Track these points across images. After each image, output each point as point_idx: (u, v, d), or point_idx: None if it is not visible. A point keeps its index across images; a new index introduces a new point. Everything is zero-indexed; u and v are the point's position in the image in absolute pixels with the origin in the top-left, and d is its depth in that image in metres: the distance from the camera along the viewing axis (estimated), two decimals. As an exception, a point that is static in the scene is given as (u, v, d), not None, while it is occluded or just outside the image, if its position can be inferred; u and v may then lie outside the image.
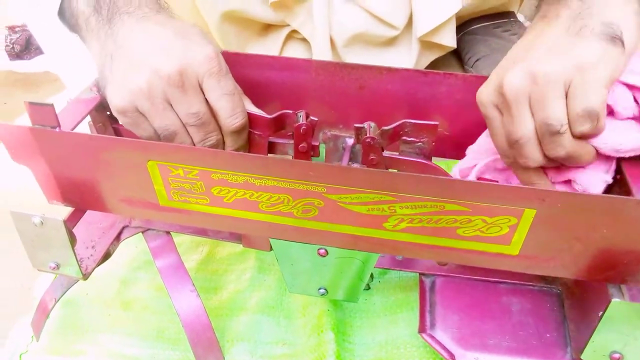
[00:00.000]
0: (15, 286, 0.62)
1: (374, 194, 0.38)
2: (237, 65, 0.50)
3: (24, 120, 0.42)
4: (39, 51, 0.99)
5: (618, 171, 0.40)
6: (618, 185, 0.40)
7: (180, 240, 0.62)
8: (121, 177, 0.42)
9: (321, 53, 0.74)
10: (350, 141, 0.52)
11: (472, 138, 0.49)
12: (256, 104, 0.50)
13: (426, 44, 0.75)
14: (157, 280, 0.58)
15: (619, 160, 0.39)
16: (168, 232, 0.53)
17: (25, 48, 0.99)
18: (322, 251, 0.43)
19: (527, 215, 0.36)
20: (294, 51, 0.83)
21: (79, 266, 0.46)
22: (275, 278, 0.58)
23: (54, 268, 0.46)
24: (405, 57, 0.76)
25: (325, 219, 0.41)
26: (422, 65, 0.77)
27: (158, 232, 0.53)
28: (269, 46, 0.82)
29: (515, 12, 0.83)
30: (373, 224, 0.40)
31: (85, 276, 0.47)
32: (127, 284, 0.59)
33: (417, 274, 0.50)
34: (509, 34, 0.78)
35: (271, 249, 0.51)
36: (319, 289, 0.46)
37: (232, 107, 0.40)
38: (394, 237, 0.40)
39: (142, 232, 0.53)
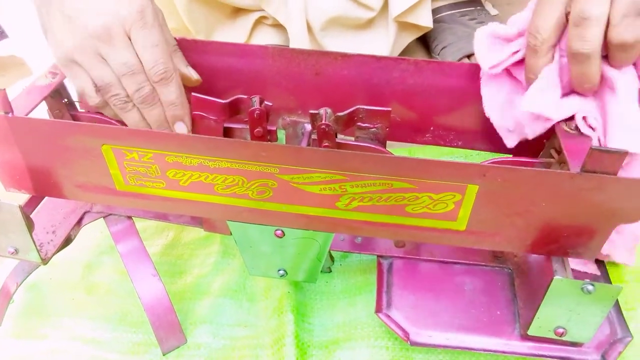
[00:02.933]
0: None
1: (325, 174, 0.39)
2: (196, 51, 0.50)
3: None
4: (3, 35, 0.98)
5: (559, 149, 0.41)
6: (559, 162, 0.42)
7: (146, 225, 0.63)
8: (76, 163, 0.42)
9: (297, 38, 0.75)
10: (308, 127, 0.52)
11: (425, 122, 0.51)
12: (215, 91, 0.51)
13: (402, 24, 0.76)
14: (122, 265, 0.58)
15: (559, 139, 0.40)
16: (129, 217, 0.54)
17: (-13, 32, 0.98)
18: (278, 232, 0.44)
19: (470, 191, 0.37)
20: (264, 36, 0.83)
21: (38, 251, 0.46)
22: (239, 262, 0.58)
23: (13, 253, 0.46)
24: (383, 39, 0.77)
25: (280, 200, 0.42)
26: (399, 48, 0.78)
27: (119, 217, 0.53)
28: (238, 30, 0.82)
29: (482, 1, 0.85)
30: (326, 203, 0.41)
31: (45, 261, 0.48)
32: (92, 269, 0.59)
33: (376, 256, 0.52)
34: (475, 22, 0.80)
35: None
36: (279, 270, 0.47)
37: (154, 59, 0.41)
38: (347, 217, 0.42)
39: (104, 217, 0.54)
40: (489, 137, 0.49)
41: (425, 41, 0.85)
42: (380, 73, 0.49)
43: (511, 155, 0.50)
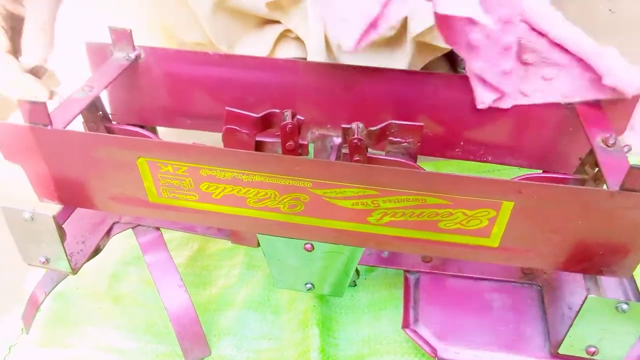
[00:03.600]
0: (5, 280, 0.62)
1: (358, 189, 0.39)
2: (227, 65, 0.51)
3: (19, 116, 0.43)
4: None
5: (595, 164, 0.41)
6: (594, 179, 0.41)
7: (171, 236, 0.63)
8: (111, 175, 0.43)
9: (315, 53, 0.75)
10: (337, 140, 0.53)
11: (457, 137, 0.51)
12: (246, 105, 0.52)
13: (421, 44, 0.76)
14: (148, 275, 0.58)
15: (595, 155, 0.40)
16: (157, 228, 0.54)
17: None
18: (308, 246, 0.44)
19: (505, 207, 0.37)
20: (287, 50, 0.84)
21: (69, 261, 0.47)
22: (263, 274, 0.59)
23: (44, 263, 0.47)
24: (400, 57, 0.77)
25: (311, 214, 0.42)
26: (417, 67, 0.78)
27: (148, 228, 0.54)
28: (261, 43, 0.82)
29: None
30: (357, 218, 0.41)
31: (75, 271, 0.48)
32: (118, 279, 0.60)
33: (402, 271, 0.51)
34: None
35: (259, 245, 0.52)
36: (306, 284, 0.47)
37: None
38: (378, 231, 0.42)
39: (132, 228, 0.54)
40: (520, 152, 0.49)
41: (449, 55, 0.85)
42: (410, 87, 0.49)
43: (541, 171, 0.50)
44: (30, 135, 0.41)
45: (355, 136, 0.43)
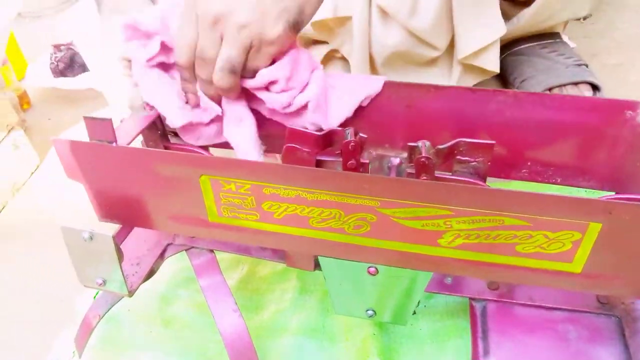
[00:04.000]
0: (57, 297, 0.62)
1: (430, 208, 0.37)
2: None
3: (69, 135, 0.43)
4: (81, 69, 1.02)
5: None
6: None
7: (220, 257, 0.61)
8: (173, 193, 0.42)
9: (358, 70, 0.75)
10: (396, 161, 0.51)
11: (522, 157, 0.48)
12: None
13: (468, 66, 0.75)
14: (198, 297, 0.57)
15: None
16: (211, 251, 0.53)
17: (69, 66, 1.02)
18: (372, 269, 0.42)
19: (592, 229, 0.34)
20: (334, 69, 0.84)
21: (125, 283, 0.46)
22: (317, 299, 0.57)
23: (101, 284, 0.46)
24: (445, 79, 0.76)
25: (377, 235, 0.40)
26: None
27: (201, 251, 0.53)
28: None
29: (560, 33, 0.83)
30: (427, 240, 0.39)
31: (131, 293, 0.47)
32: (168, 301, 0.59)
33: (467, 298, 0.49)
34: (555, 55, 0.77)
35: (315, 268, 0.50)
36: (367, 310, 0.45)
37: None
38: (449, 255, 0.39)
39: (186, 250, 0.53)
40: (592, 173, 0.47)
41: (501, 74, 0.83)
42: (474, 105, 0.47)
43: (614, 193, 0.47)
44: (94, 152, 0.41)
45: (423, 155, 0.41)
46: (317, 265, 0.51)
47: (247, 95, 0.47)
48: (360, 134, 0.43)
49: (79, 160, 0.42)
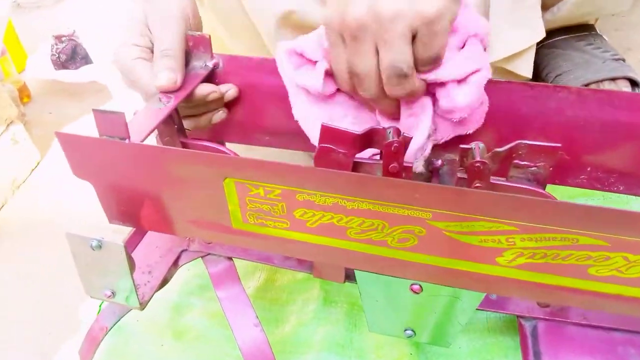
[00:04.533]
0: (60, 301, 0.57)
1: (492, 223, 0.32)
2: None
3: (72, 129, 0.38)
4: (84, 61, 0.97)
5: None
6: None
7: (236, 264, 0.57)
8: (192, 196, 0.37)
9: None
10: (437, 162, 0.46)
11: (582, 162, 0.43)
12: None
13: (499, 69, 0.70)
14: (212, 307, 0.53)
15: None
16: (230, 258, 0.48)
17: (70, 58, 0.97)
18: (415, 287, 0.37)
19: (687, 254, 0.30)
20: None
21: (137, 294, 0.41)
22: (342, 311, 0.52)
23: (109, 296, 0.41)
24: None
25: (425, 250, 0.35)
26: None
27: (219, 258, 0.48)
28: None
29: (595, 26, 0.77)
30: (484, 258, 0.34)
31: (143, 305, 0.43)
32: (180, 311, 0.54)
33: (514, 316, 0.44)
34: (592, 48, 0.72)
35: (345, 280, 0.46)
36: (406, 330, 0.40)
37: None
38: (507, 274, 0.34)
39: (202, 257, 0.48)
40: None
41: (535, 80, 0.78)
42: (531, 103, 0.42)
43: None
44: (104, 149, 0.36)
45: (477, 159, 0.36)
46: (347, 277, 0.46)
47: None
48: (404, 134, 0.38)
49: (87, 157, 0.37)
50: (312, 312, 0.52)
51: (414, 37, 0.36)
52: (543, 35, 0.61)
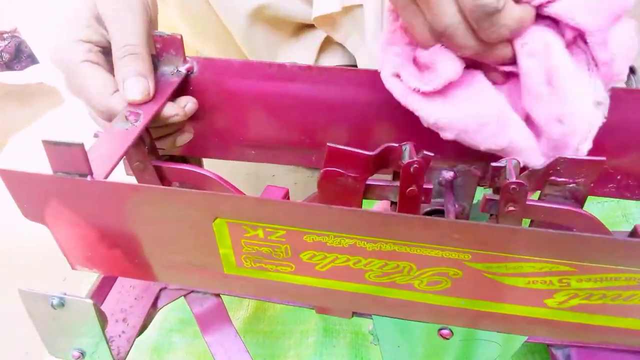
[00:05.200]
0: (17, 356, 0.50)
1: (546, 263, 0.27)
2: (308, 81, 0.39)
3: (22, 137, 0.31)
4: (30, 60, 0.87)
5: None
6: None
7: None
8: (175, 239, 0.31)
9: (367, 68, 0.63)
10: (448, 174, 0.41)
11: (613, 169, 0.39)
12: (331, 130, 0.40)
13: None
14: (197, 345, 0.47)
15: None
16: (217, 295, 0.42)
17: (15, 57, 0.87)
18: (445, 332, 0.32)
19: None
20: (333, 57, 0.72)
21: (111, 352, 0.34)
22: (346, 342, 0.46)
23: (78, 357, 0.35)
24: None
25: (460, 294, 0.30)
26: None
27: (204, 295, 0.42)
28: (304, 50, 0.70)
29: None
30: (531, 300, 0.29)
31: (119, 363, 0.36)
32: (160, 353, 0.48)
33: (545, 344, 0.39)
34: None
35: (353, 315, 0.40)
36: (430, 374, 0.35)
37: None
38: (556, 317, 0.29)
39: (184, 296, 0.42)
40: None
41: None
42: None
43: None
44: (61, 189, 0.29)
45: (514, 179, 0.31)
46: (355, 312, 0.40)
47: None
48: (425, 152, 0.33)
49: (40, 198, 0.30)
50: (312, 345, 0.46)
51: None
52: None
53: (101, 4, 0.35)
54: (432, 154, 0.33)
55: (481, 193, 0.35)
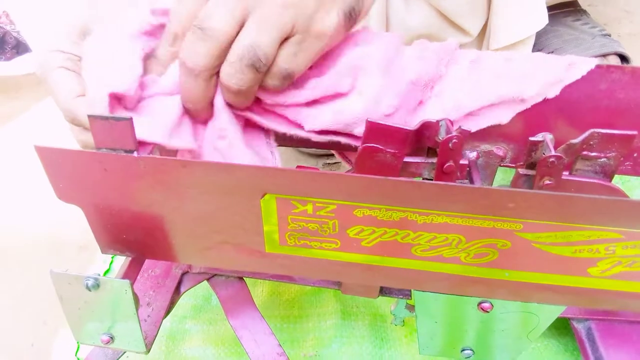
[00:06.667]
0: (24, 345, 0.48)
1: (595, 231, 0.27)
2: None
3: (9, 129, 0.29)
4: (15, 51, 0.84)
5: None
6: None
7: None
8: (217, 217, 0.30)
9: None
10: (472, 155, 0.41)
11: (635, 146, 0.40)
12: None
13: None
14: (212, 332, 0.46)
15: None
16: (241, 278, 0.41)
17: (0, 47, 0.83)
18: (486, 305, 0.32)
19: None
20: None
21: (142, 333, 0.33)
22: (365, 324, 0.46)
23: (108, 342, 0.33)
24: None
25: (505, 265, 0.30)
26: None
27: (228, 279, 0.41)
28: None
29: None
30: (574, 269, 0.29)
31: (148, 348, 0.35)
32: (176, 340, 0.46)
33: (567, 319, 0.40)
34: (580, 24, 0.70)
35: (379, 295, 0.40)
36: (464, 349, 0.36)
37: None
38: (596, 286, 0.30)
39: (208, 280, 0.41)
40: None
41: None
42: (580, 85, 0.38)
43: None
44: (104, 166, 0.28)
45: (552, 153, 0.32)
46: (382, 292, 0.40)
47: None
48: (462, 127, 0.33)
49: (79, 177, 0.29)
50: (331, 328, 0.46)
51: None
52: (546, 21, 0.57)
53: (92, 24, 0.35)
54: (469, 129, 0.33)
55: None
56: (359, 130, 0.34)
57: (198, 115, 0.32)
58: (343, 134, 0.34)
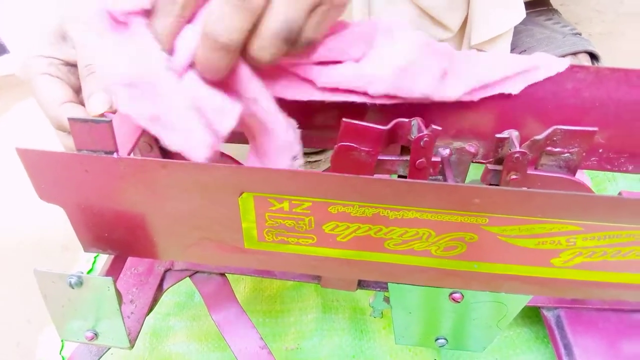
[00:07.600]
0: (10, 344, 0.48)
1: (556, 224, 0.29)
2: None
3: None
4: (2, 49, 0.83)
5: None
6: None
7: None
8: (197, 215, 0.31)
9: None
10: (444, 152, 0.43)
11: (596, 143, 0.42)
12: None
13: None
14: (196, 328, 0.47)
15: None
16: (222, 274, 0.42)
17: (-23, 48, 0.82)
18: (456, 295, 0.34)
19: None
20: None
21: (126, 329, 0.34)
22: (345, 317, 0.48)
23: (92, 338, 0.34)
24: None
25: (473, 258, 0.31)
26: None
27: (210, 275, 0.42)
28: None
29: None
30: (539, 260, 0.31)
31: (132, 344, 0.36)
32: (160, 337, 0.47)
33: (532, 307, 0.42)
34: (551, 23, 0.72)
35: (358, 288, 0.42)
36: (437, 339, 0.37)
37: None
38: (559, 275, 0.32)
39: (190, 277, 0.42)
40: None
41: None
42: (547, 85, 0.39)
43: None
44: (84, 167, 0.28)
45: (517, 149, 0.33)
46: (360, 285, 0.42)
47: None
48: (434, 126, 0.34)
49: (60, 178, 0.29)
50: (312, 322, 0.47)
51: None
52: (524, 15, 0.59)
53: (66, 24, 0.36)
54: (440, 128, 0.35)
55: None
56: (375, 88, 0.34)
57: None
58: (356, 93, 0.34)
